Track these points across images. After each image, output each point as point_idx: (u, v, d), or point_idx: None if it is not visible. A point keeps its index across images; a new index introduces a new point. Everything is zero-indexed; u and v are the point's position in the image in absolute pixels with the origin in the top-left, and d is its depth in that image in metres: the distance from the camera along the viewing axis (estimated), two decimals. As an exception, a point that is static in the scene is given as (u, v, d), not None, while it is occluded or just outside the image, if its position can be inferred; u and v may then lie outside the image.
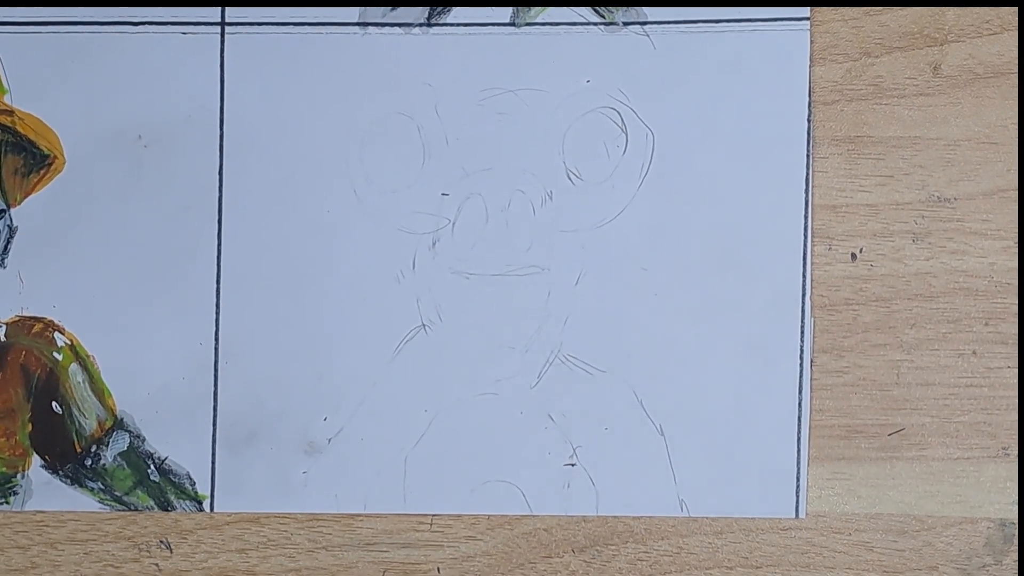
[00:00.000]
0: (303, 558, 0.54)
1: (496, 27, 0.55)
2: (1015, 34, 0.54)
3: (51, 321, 0.55)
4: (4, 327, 0.55)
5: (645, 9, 0.55)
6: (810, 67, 0.54)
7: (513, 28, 0.55)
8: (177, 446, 0.55)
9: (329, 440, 0.54)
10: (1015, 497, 0.53)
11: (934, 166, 0.54)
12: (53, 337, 0.55)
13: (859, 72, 0.54)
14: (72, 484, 0.55)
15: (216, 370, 0.55)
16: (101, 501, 0.55)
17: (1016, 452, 0.53)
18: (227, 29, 0.55)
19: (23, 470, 0.54)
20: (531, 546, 0.54)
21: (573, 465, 0.54)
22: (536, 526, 0.54)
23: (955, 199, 0.53)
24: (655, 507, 0.54)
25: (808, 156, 0.54)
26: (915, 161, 0.54)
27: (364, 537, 0.54)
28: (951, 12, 0.54)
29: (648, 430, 0.52)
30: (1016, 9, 0.54)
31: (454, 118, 0.55)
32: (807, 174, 0.54)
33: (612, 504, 0.54)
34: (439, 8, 0.55)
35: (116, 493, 0.55)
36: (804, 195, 0.54)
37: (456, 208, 0.55)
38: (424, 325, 0.55)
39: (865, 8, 0.54)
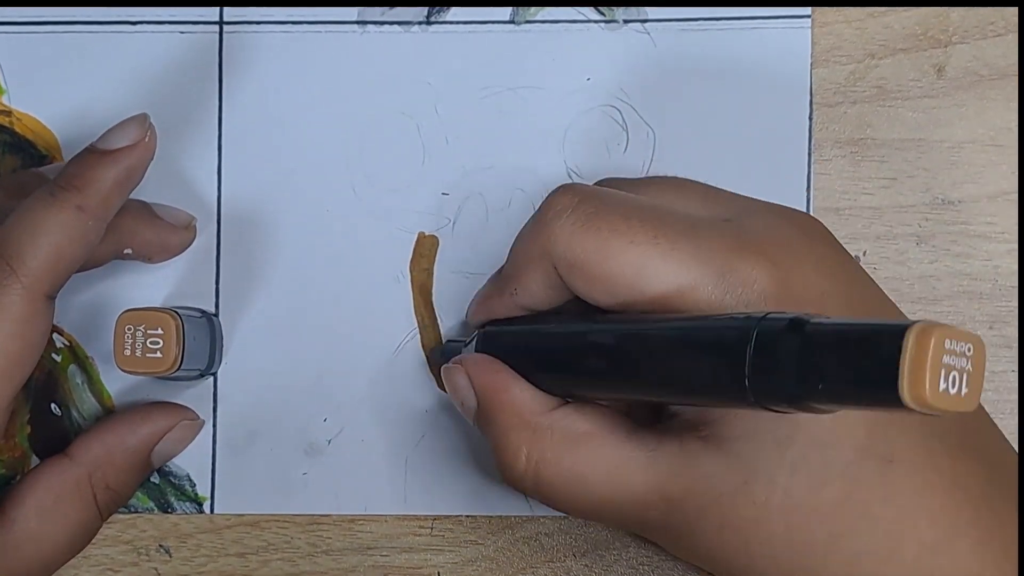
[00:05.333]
0: (303, 562, 0.54)
1: (496, 25, 0.55)
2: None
3: (49, 322, 0.55)
4: (2, 329, 0.55)
5: (646, 7, 0.54)
6: (813, 69, 0.54)
7: (513, 26, 0.55)
8: (176, 447, 0.55)
9: (329, 441, 0.54)
10: (1017, 502, 0.53)
11: (938, 168, 0.53)
12: (52, 338, 0.54)
13: (862, 74, 0.54)
14: (71, 486, 0.55)
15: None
16: (100, 503, 0.55)
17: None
18: (225, 28, 0.55)
19: (22, 472, 0.54)
20: (532, 550, 0.54)
21: (574, 465, 0.54)
22: (537, 530, 0.54)
23: (959, 201, 0.53)
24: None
25: (810, 153, 0.54)
26: (919, 163, 0.53)
27: (364, 541, 0.54)
28: (955, 13, 0.53)
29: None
30: (1016, 9, 0.53)
31: (454, 116, 0.55)
32: (808, 172, 0.54)
33: (613, 504, 0.54)
34: (438, 8, 0.55)
35: (115, 495, 0.54)
36: (806, 193, 0.53)
37: (456, 207, 0.55)
38: (424, 325, 0.54)
39: (869, 9, 0.54)
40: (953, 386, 0.31)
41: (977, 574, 0.41)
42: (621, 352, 0.43)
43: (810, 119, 0.54)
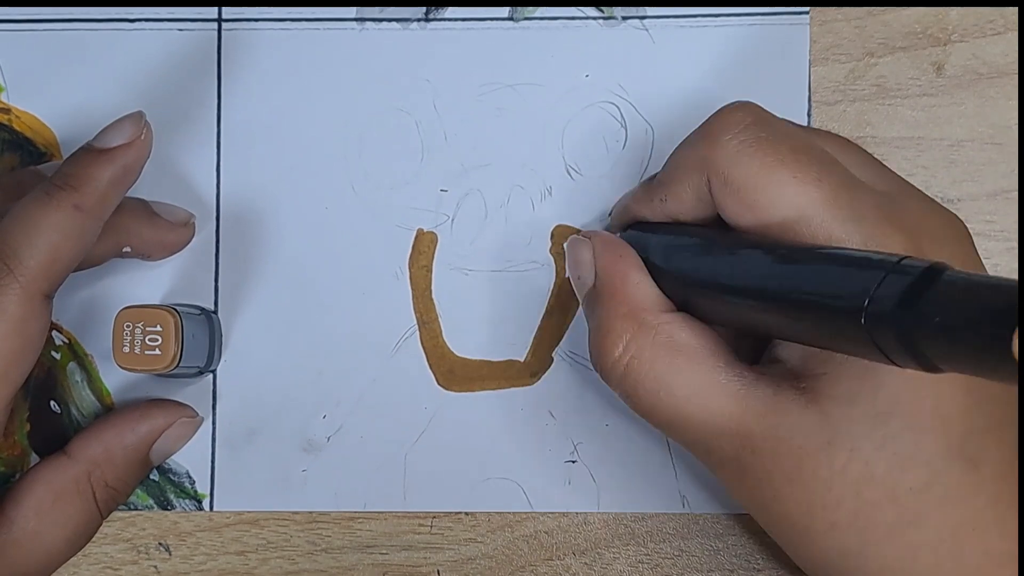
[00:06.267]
0: (302, 560, 0.54)
1: (494, 22, 0.55)
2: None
3: (48, 320, 0.55)
4: (1, 326, 0.55)
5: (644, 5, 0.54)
6: (813, 67, 0.54)
7: (511, 23, 0.55)
8: (176, 444, 0.55)
9: (328, 438, 0.54)
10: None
11: (937, 167, 0.53)
12: (51, 336, 0.54)
13: (862, 72, 0.54)
14: (71, 484, 0.55)
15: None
16: (100, 501, 0.55)
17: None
18: (224, 26, 0.55)
19: (21, 470, 0.54)
20: (532, 548, 0.54)
21: (574, 462, 0.54)
22: (537, 528, 0.54)
23: (959, 200, 0.53)
24: (656, 503, 0.54)
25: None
26: (918, 162, 0.53)
27: (364, 539, 0.54)
28: (954, 12, 0.53)
29: (649, 426, 0.51)
30: (1015, 8, 0.53)
31: (452, 114, 0.55)
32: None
33: (613, 501, 0.54)
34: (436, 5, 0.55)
35: (115, 493, 0.55)
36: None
37: (455, 204, 0.55)
38: (423, 322, 0.54)
39: (868, 8, 0.54)
40: None
41: None
42: (751, 265, 0.42)
43: (809, 117, 0.54)
